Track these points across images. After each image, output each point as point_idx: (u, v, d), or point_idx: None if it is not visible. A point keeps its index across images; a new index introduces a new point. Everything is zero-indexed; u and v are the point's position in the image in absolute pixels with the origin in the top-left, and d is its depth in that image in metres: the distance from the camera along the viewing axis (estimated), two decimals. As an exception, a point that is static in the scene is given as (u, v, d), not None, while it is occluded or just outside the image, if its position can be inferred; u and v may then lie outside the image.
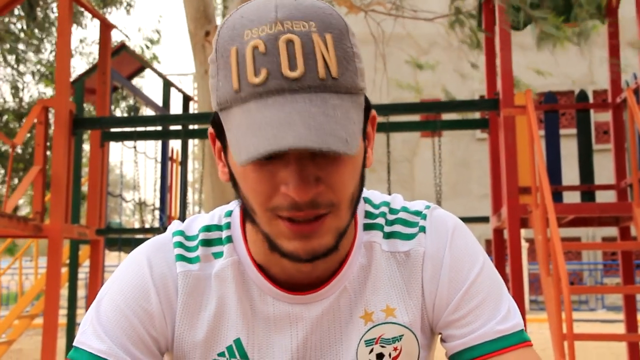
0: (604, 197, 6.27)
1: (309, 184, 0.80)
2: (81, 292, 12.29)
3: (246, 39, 0.79)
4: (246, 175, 0.83)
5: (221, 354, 0.95)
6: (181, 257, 0.96)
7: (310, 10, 0.81)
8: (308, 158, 0.81)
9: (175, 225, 1.01)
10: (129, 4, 12.29)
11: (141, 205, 7.54)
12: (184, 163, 7.30)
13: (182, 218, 7.15)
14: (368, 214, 0.99)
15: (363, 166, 0.89)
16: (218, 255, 0.96)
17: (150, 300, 0.93)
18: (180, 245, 0.97)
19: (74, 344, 0.93)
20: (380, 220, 0.98)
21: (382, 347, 0.95)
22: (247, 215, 0.90)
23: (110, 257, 9.55)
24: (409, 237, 0.97)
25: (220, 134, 0.89)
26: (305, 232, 0.83)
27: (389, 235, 0.97)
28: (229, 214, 0.99)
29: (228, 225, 0.98)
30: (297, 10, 0.80)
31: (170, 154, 7.79)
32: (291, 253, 0.85)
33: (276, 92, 0.78)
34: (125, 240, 6.60)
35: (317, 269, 0.92)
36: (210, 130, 0.92)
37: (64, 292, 7.58)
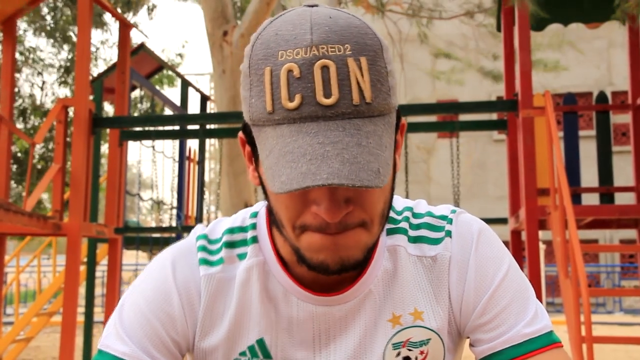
0: (623, 199, 6.22)
1: (340, 205, 0.81)
2: (98, 291, 12.38)
3: (280, 60, 0.79)
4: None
5: (242, 354, 0.95)
6: (204, 261, 0.96)
7: (346, 31, 0.80)
8: None
9: (199, 229, 1.01)
10: (150, 8, 12.31)
11: (158, 204, 7.58)
12: (201, 162, 7.32)
13: (199, 217, 7.17)
14: (390, 219, 0.99)
15: (393, 177, 0.90)
16: (242, 256, 0.97)
17: (172, 304, 0.94)
18: (203, 249, 0.98)
19: (98, 346, 0.95)
20: (403, 225, 0.99)
21: (409, 350, 0.95)
22: (274, 221, 0.92)
23: (128, 256, 9.61)
24: (436, 241, 0.97)
25: (251, 141, 0.89)
26: (335, 243, 0.84)
27: (415, 240, 0.98)
28: (255, 214, 1.00)
29: (253, 226, 0.98)
30: (333, 32, 0.80)
31: (187, 154, 7.82)
32: (320, 264, 0.86)
33: (310, 119, 0.78)
34: (142, 239, 6.64)
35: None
36: (241, 135, 0.93)
37: (82, 290, 7.65)
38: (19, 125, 12.03)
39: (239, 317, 0.95)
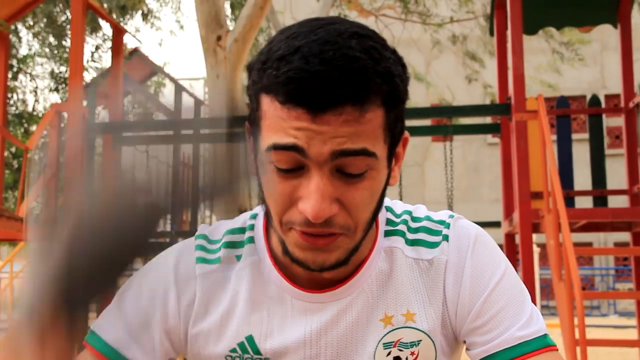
0: (617, 202, 6.24)
1: (325, 206, 0.82)
2: (92, 296, 12.32)
3: None
4: (273, 181, 0.85)
5: (233, 350, 0.97)
6: (201, 260, 0.99)
7: None
8: (328, 177, 0.83)
9: (200, 229, 1.04)
10: (145, 13, 12.26)
11: (153, 209, 7.54)
12: (195, 167, 7.30)
13: (194, 222, 7.15)
14: (389, 222, 1.01)
15: (385, 186, 0.91)
16: (239, 257, 0.99)
17: (168, 296, 0.97)
18: (201, 248, 1.00)
19: (91, 327, 0.96)
20: (401, 228, 1.00)
21: (400, 350, 0.96)
22: (269, 220, 0.93)
23: (122, 261, 9.56)
24: (433, 245, 0.98)
25: (252, 124, 0.90)
26: (317, 246, 0.86)
27: (412, 243, 0.99)
28: (254, 216, 1.03)
29: (252, 227, 1.01)
30: None
31: (181, 159, 7.80)
32: (301, 261, 0.89)
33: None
34: (137, 244, 6.61)
35: (334, 271, 0.93)
36: (247, 125, 0.93)
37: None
38: (21, 130, 12.00)
39: (229, 314, 0.97)
